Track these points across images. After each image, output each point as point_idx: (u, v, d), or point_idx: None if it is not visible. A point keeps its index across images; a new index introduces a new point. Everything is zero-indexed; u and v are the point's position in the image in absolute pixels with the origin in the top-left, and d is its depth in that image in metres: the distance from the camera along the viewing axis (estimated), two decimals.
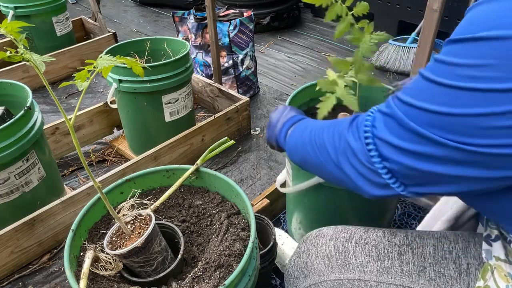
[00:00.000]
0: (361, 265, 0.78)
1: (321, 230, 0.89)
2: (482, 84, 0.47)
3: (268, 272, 1.27)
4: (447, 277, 0.72)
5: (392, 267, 0.76)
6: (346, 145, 0.65)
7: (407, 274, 0.74)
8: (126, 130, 1.88)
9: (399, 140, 0.56)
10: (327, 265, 0.81)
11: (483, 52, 0.47)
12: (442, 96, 0.51)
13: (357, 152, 0.63)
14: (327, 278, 0.81)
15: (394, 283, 0.74)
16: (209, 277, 0.78)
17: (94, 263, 0.82)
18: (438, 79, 0.51)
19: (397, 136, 0.56)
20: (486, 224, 0.71)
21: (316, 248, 0.85)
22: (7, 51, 0.61)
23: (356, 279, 0.77)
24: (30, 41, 2.63)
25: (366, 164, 0.61)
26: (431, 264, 0.74)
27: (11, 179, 1.35)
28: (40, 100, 2.41)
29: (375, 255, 0.78)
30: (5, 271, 1.41)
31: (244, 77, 2.31)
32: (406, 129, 0.55)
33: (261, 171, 1.86)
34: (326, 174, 0.73)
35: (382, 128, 0.59)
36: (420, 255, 0.75)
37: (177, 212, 0.99)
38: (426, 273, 0.73)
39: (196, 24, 2.21)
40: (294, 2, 3.30)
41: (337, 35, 0.89)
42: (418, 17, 2.64)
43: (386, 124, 0.58)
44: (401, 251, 0.77)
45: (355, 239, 0.82)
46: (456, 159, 0.51)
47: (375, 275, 0.76)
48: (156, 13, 3.84)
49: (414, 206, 1.57)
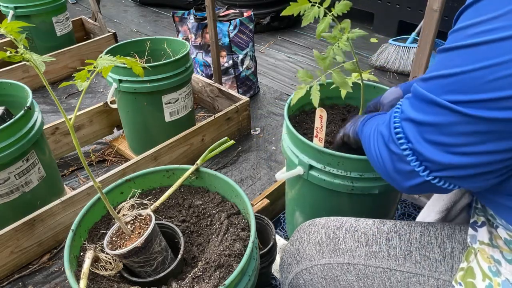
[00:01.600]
0: (350, 250, 0.81)
1: (314, 220, 0.92)
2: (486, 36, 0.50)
3: (268, 272, 1.27)
4: (432, 260, 0.75)
5: (379, 251, 0.79)
6: (379, 135, 0.69)
7: (394, 257, 0.77)
8: (126, 130, 1.88)
9: (421, 115, 0.59)
10: (318, 250, 0.85)
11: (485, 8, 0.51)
12: (456, 59, 0.54)
13: (387, 140, 0.66)
14: (317, 262, 0.84)
15: (381, 266, 0.77)
16: (209, 277, 0.79)
17: (94, 263, 0.82)
18: (453, 45, 0.54)
19: (421, 111, 0.59)
20: (474, 211, 0.74)
21: (308, 235, 0.88)
22: (7, 51, 0.61)
23: (345, 263, 0.81)
24: (30, 41, 2.63)
25: (396, 150, 0.64)
26: (417, 248, 0.77)
27: (11, 179, 1.35)
28: (40, 100, 2.41)
29: (364, 240, 0.81)
30: (5, 271, 1.41)
31: (244, 77, 2.31)
32: (427, 102, 0.57)
33: (261, 171, 1.86)
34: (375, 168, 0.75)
35: (408, 109, 0.62)
36: (407, 241, 0.78)
37: (177, 212, 0.99)
38: (412, 256, 0.76)
39: (196, 24, 2.21)
40: None
41: (317, 35, 0.93)
42: (418, 17, 2.64)
43: (411, 104, 0.61)
44: (389, 237, 0.80)
45: (345, 227, 0.85)
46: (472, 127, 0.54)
47: (363, 259, 0.79)
48: (156, 13, 3.84)
49: (414, 206, 1.57)
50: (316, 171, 1.04)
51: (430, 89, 0.57)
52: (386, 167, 0.68)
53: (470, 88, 0.52)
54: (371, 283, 0.78)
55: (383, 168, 0.69)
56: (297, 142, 1.06)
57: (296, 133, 1.04)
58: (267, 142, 2.05)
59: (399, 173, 0.66)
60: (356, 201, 1.10)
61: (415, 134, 0.60)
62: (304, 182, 1.11)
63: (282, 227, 1.53)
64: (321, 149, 0.99)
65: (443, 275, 0.73)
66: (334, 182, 1.02)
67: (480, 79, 0.51)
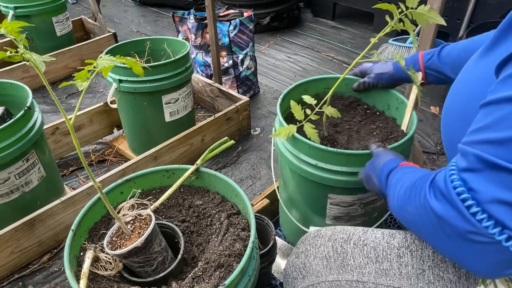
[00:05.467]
0: (359, 266, 0.78)
1: (320, 231, 0.88)
2: None
3: (268, 272, 1.27)
4: (446, 281, 0.71)
5: (390, 269, 0.75)
6: (436, 219, 0.55)
7: (406, 276, 0.74)
8: (126, 130, 1.88)
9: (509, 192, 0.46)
10: (325, 266, 0.81)
11: None
12: None
13: (455, 225, 0.52)
14: (325, 279, 0.81)
15: (392, 285, 0.74)
16: (209, 277, 0.78)
17: (94, 263, 0.82)
18: None
19: (508, 187, 0.46)
20: None
21: (314, 248, 0.85)
22: (7, 51, 0.61)
23: (354, 281, 0.77)
24: (30, 41, 2.63)
25: (475, 238, 0.52)
26: (430, 267, 0.73)
27: (11, 179, 1.35)
28: (40, 100, 2.41)
29: (374, 256, 0.77)
30: (5, 271, 1.41)
31: (244, 77, 2.31)
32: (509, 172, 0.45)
33: (261, 171, 1.85)
34: (431, 243, 0.65)
35: (487, 186, 0.48)
36: (419, 258, 0.75)
37: (177, 212, 0.99)
38: (425, 276, 0.73)
39: (196, 24, 2.21)
40: (294, 2, 3.30)
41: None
42: None
43: (488, 179, 0.48)
44: (400, 254, 0.76)
45: (353, 240, 0.81)
46: None
47: (374, 277, 0.76)
48: (156, 13, 3.84)
49: None
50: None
51: (505, 156, 0.45)
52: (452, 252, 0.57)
53: None
54: None
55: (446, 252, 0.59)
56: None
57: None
58: (267, 142, 2.05)
59: (472, 254, 0.55)
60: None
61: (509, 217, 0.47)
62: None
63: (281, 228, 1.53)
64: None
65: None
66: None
67: None
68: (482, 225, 0.49)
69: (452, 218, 0.52)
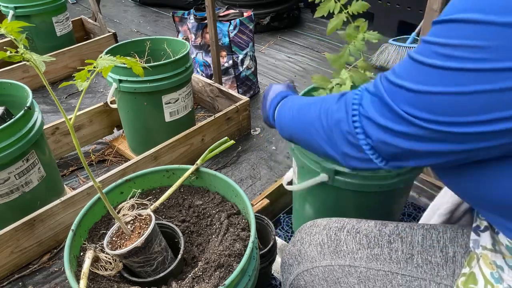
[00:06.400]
0: (351, 252, 0.81)
1: (316, 221, 0.92)
2: (456, 63, 0.49)
3: (268, 272, 1.27)
4: (434, 264, 0.75)
5: (381, 254, 0.79)
6: (333, 122, 0.67)
7: (396, 261, 0.77)
8: (126, 130, 1.88)
9: (382, 119, 0.57)
10: (319, 252, 0.84)
11: (460, 33, 0.49)
12: (422, 75, 0.52)
13: (343, 129, 0.64)
14: (319, 264, 0.84)
15: (382, 269, 0.77)
16: (209, 277, 0.79)
17: (94, 263, 0.82)
18: (421, 58, 0.53)
19: (381, 114, 0.57)
20: (477, 215, 0.73)
21: (309, 236, 0.88)
22: (7, 51, 0.61)
23: (346, 265, 0.81)
24: (30, 41, 2.63)
25: (352, 140, 0.63)
26: (419, 252, 0.77)
27: (11, 179, 1.35)
28: (40, 100, 2.41)
29: (366, 243, 0.81)
30: (5, 271, 1.41)
31: (244, 77, 2.31)
32: (388, 108, 0.56)
33: (261, 171, 1.85)
34: (313, 148, 0.75)
35: (369, 107, 0.60)
36: (409, 244, 0.78)
37: (177, 212, 0.99)
38: (413, 260, 0.76)
39: (196, 24, 2.21)
40: (294, 2, 3.30)
41: (329, 31, 0.92)
42: (418, 17, 2.64)
43: (373, 102, 0.59)
44: (391, 240, 0.80)
45: (347, 228, 0.85)
46: (432, 138, 0.53)
47: (365, 261, 0.79)
48: (156, 13, 3.84)
49: (414, 206, 1.57)
50: (342, 175, 1.04)
51: (392, 95, 0.56)
52: (335, 151, 0.67)
53: (436, 109, 0.51)
54: (373, 286, 0.78)
55: (330, 150, 0.69)
56: None
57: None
58: (267, 142, 2.05)
59: (351, 157, 0.65)
60: (361, 200, 1.11)
61: (375, 134, 0.59)
62: (325, 187, 1.10)
63: (282, 227, 1.53)
64: None
65: (444, 280, 0.73)
66: (363, 184, 1.02)
67: (447, 102, 0.50)
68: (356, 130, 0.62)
69: (343, 122, 0.65)
